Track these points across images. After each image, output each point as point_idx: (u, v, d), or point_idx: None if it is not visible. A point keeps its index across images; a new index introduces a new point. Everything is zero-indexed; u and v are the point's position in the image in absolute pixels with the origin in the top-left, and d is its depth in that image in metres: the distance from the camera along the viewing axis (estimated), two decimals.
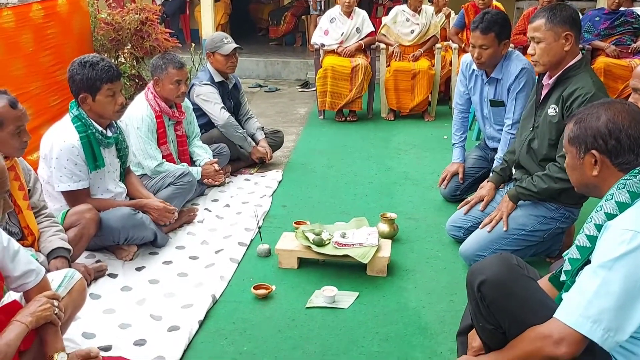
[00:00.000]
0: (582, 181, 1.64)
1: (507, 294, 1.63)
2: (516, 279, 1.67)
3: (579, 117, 1.62)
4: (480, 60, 3.18)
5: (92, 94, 2.65)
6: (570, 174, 1.69)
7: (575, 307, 1.44)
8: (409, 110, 5.55)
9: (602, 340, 1.39)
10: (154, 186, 3.20)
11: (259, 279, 2.64)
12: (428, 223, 3.28)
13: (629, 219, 1.44)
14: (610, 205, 1.53)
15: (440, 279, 2.69)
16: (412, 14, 5.51)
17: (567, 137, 1.64)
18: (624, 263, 1.38)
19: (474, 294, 1.70)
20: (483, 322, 1.70)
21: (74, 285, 2.01)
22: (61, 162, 2.62)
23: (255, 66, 7.77)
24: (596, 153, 1.56)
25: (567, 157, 1.67)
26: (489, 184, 2.99)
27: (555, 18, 2.51)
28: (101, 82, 2.64)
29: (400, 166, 4.26)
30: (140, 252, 2.87)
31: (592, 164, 1.58)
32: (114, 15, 4.43)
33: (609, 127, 1.54)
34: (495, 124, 3.40)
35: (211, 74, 4.00)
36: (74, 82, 2.66)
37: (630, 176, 1.52)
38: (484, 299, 1.66)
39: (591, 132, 1.56)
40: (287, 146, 4.60)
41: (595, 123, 1.56)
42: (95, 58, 2.70)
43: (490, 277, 1.65)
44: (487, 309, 1.66)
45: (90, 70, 2.63)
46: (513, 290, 1.64)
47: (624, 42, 5.48)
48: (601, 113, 1.57)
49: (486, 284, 1.64)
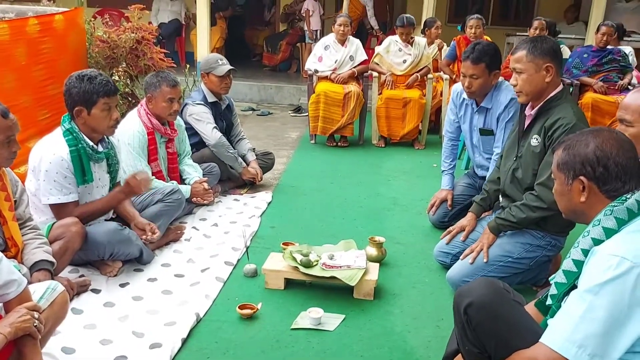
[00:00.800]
0: (570, 207, 1.66)
1: (493, 317, 1.63)
2: (503, 302, 1.68)
3: (567, 144, 1.64)
4: (471, 90, 3.23)
5: (87, 108, 2.64)
6: (558, 200, 1.70)
7: (562, 332, 1.44)
8: (400, 138, 5.61)
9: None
10: (142, 202, 3.18)
11: (244, 298, 2.61)
12: (416, 248, 3.28)
13: (615, 245, 1.45)
14: (597, 230, 1.55)
15: (426, 304, 2.68)
16: (405, 44, 5.61)
17: (556, 163, 1.65)
18: (610, 289, 1.39)
19: (460, 316, 1.70)
20: (469, 345, 1.69)
21: (56, 297, 1.97)
22: (50, 175, 2.60)
23: (249, 90, 7.83)
24: (584, 179, 1.58)
25: (555, 183, 1.69)
26: (470, 214, 3.01)
27: (536, 50, 2.56)
28: (98, 95, 2.64)
29: (389, 192, 4.28)
30: (124, 269, 2.83)
31: (580, 191, 1.59)
32: (110, 33, 4.46)
33: (597, 155, 1.56)
34: (485, 152, 3.43)
35: (205, 94, 4.02)
36: (70, 94, 2.65)
37: (618, 203, 1.54)
38: (470, 322, 1.66)
39: (580, 159, 1.58)
40: (277, 169, 4.60)
41: (584, 150, 1.58)
42: (93, 72, 2.71)
43: (476, 300, 1.65)
44: (473, 332, 1.66)
45: (88, 84, 2.63)
46: (499, 313, 1.64)
47: (611, 79, 5.62)
48: (590, 140, 1.59)
49: (473, 307, 1.65)
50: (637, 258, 1.38)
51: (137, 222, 2.92)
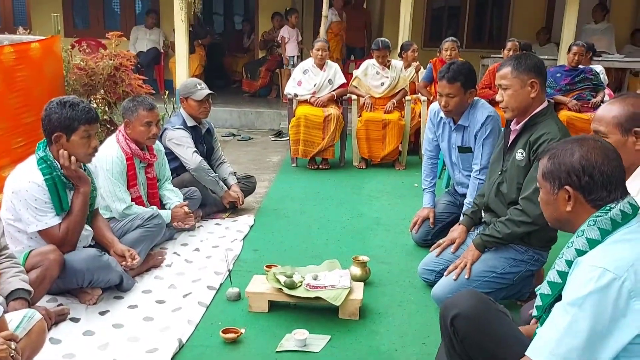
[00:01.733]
0: (556, 216, 1.65)
1: (480, 328, 1.63)
2: (489, 313, 1.67)
3: (552, 153, 1.64)
4: (448, 108, 3.28)
5: (67, 134, 2.59)
6: (544, 209, 1.70)
7: (546, 345, 1.44)
8: (380, 159, 5.65)
9: None
10: (122, 228, 3.13)
11: (228, 322, 2.56)
12: (400, 267, 3.27)
13: (597, 256, 1.46)
14: (580, 241, 1.55)
15: (412, 322, 2.66)
16: (382, 67, 5.70)
17: (541, 172, 1.65)
18: (592, 301, 1.39)
19: (447, 329, 1.68)
20: (457, 358, 1.67)
21: (33, 326, 1.92)
22: (30, 203, 2.55)
23: (229, 116, 7.84)
24: (570, 189, 1.58)
25: (541, 192, 1.69)
26: (460, 226, 3.02)
27: (521, 66, 2.62)
28: (79, 122, 2.60)
29: (372, 212, 4.28)
30: (104, 296, 2.77)
31: (565, 200, 1.59)
32: (88, 60, 4.44)
33: (583, 164, 1.56)
34: (464, 169, 3.47)
35: (184, 118, 4.01)
36: (50, 120, 2.59)
37: (602, 213, 1.54)
38: (457, 334, 1.65)
39: (565, 168, 1.58)
40: (259, 192, 4.59)
41: (569, 159, 1.58)
42: (75, 99, 2.68)
43: (463, 311, 1.64)
44: (460, 344, 1.65)
45: (70, 110, 2.59)
46: (486, 324, 1.63)
47: (584, 97, 5.76)
48: (575, 149, 1.59)
49: (459, 318, 1.64)
50: (619, 269, 1.39)
51: (116, 249, 2.86)
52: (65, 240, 2.61)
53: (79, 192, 2.66)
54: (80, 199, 2.66)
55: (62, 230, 2.60)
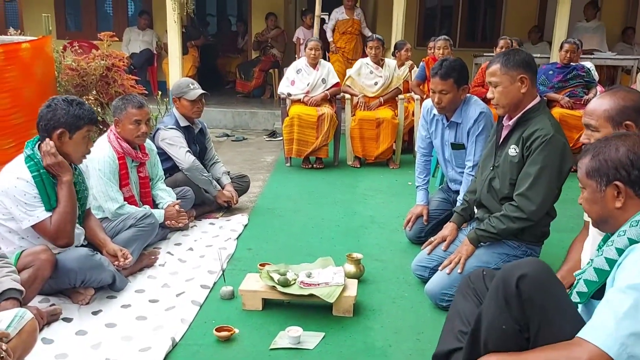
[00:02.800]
0: (604, 214, 1.63)
1: (545, 291, 1.62)
2: (555, 278, 1.68)
3: (595, 151, 1.62)
4: (441, 105, 3.28)
5: (71, 132, 2.58)
6: (589, 209, 1.68)
7: (603, 328, 1.42)
8: (374, 158, 5.65)
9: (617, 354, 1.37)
10: (114, 228, 3.11)
11: (221, 321, 2.55)
12: (394, 264, 3.27)
13: None
14: (634, 231, 1.53)
15: (406, 318, 2.66)
16: (375, 66, 5.71)
17: (585, 171, 1.63)
18: None
19: (507, 290, 1.65)
20: (511, 322, 1.64)
21: (25, 325, 1.90)
22: (19, 199, 2.53)
23: (223, 117, 7.83)
24: (620, 184, 1.57)
25: (585, 192, 1.66)
26: (450, 224, 3.02)
27: (510, 62, 2.63)
28: (84, 122, 2.60)
29: (366, 210, 4.28)
30: (97, 296, 2.75)
31: (614, 196, 1.58)
32: (80, 61, 4.43)
33: (631, 158, 1.55)
34: (457, 166, 3.47)
35: (177, 118, 4.00)
36: (55, 116, 2.56)
37: None
38: (520, 295, 1.62)
39: (612, 164, 1.57)
40: (253, 191, 4.58)
41: (616, 154, 1.57)
42: (79, 98, 2.69)
43: (531, 273, 1.63)
44: (520, 305, 1.62)
45: (78, 109, 2.59)
46: (552, 288, 1.63)
47: (576, 94, 5.78)
48: (619, 145, 1.58)
49: (527, 279, 1.62)
50: None
51: (108, 249, 2.85)
52: (58, 233, 2.58)
53: (61, 182, 2.61)
54: (65, 188, 2.61)
55: (54, 223, 2.57)
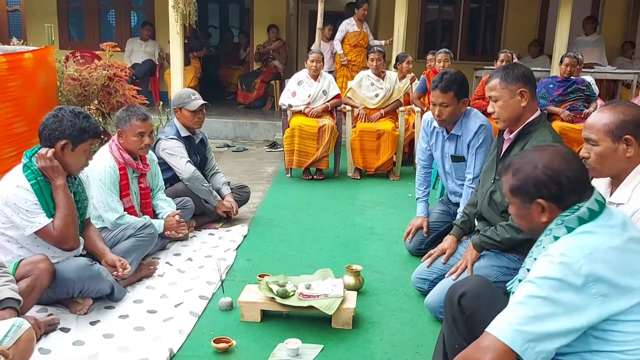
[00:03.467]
0: (533, 228, 1.67)
1: (486, 305, 1.68)
2: (494, 291, 1.75)
3: (515, 168, 1.65)
4: (441, 118, 3.29)
5: (74, 144, 2.59)
6: (518, 222, 1.72)
7: (504, 319, 1.48)
8: (375, 170, 5.65)
9: (522, 350, 1.43)
10: (113, 238, 3.11)
11: (220, 332, 2.54)
12: (394, 276, 3.26)
13: (559, 245, 1.51)
14: (548, 240, 1.58)
15: (406, 331, 2.65)
16: (377, 78, 5.73)
17: (509, 189, 1.66)
18: (550, 284, 1.44)
19: (452, 309, 1.73)
20: (460, 340, 1.70)
21: (22, 335, 1.89)
22: (19, 207, 2.53)
23: (224, 127, 7.85)
24: (542, 201, 1.59)
25: (511, 207, 1.70)
26: (450, 237, 3.01)
27: (509, 77, 2.64)
28: (89, 135, 2.61)
29: (366, 222, 4.28)
30: (95, 306, 2.74)
31: (539, 212, 1.61)
32: (82, 71, 4.45)
33: (549, 174, 1.58)
34: (457, 178, 3.47)
35: (178, 128, 4.01)
36: (60, 126, 2.56)
37: (569, 212, 1.56)
38: (463, 312, 1.70)
39: (532, 182, 1.60)
40: (253, 202, 4.58)
41: (533, 172, 1.60)
42: (86, 112, 2.71)
43: (469, 290, 1.72)
44: (465, 323, 1.69)
45: (85, 122, 2.60)
46: (492, 301, 1.69)
47: (577, 107, 5.79)
48: (536, 161, 1.61)
49: (467, 296, 1.70)
50: (577, 256, 1.45)
51: (107, 259, 2.84)
52: (63, 237, 2.58)
53: (56, 187, 2.60)
54: (60, 192, 2.60)
55: (57, 228, 2.57)
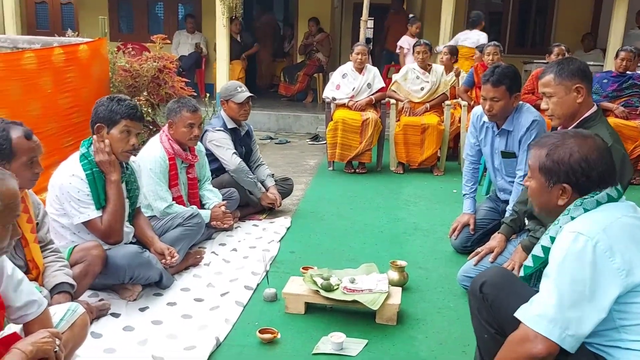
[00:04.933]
0: (547, 206, 1.73)
1: (507, 291, 1.79)
2: (514, 280, 1.88)
3: (551, 147, 1.68)
4: (492, 113, 3.20)
5: (108, 126, 2.66)
6: (535, 196, 1.76)
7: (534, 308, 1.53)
8: (418, 164, 5.58)
9: (561, 339, 1.47)
10: (162, 227, 3.17)
11: (264, 323, 2.56)
12: (439, 273, 3.21)
13: (574, 223, 1.56)
14: (565, 219, 1.63)
15: (452, 329, 2.60)
16: (422, 72, 5.65)
17: (538, 165, 1.70)
18: (569, 264, 1.49)
19: (475, 299, 1.86)
20: (487, 327, 1.82)
21: (76, 319, 1.94)
22: (72, 195, 2.62)
23: (267, 119, 7.91)
24: (567, 187, 1.64)
25: (532, 181, 1.74)
26: (499, 235, 2.94)
27: (564, 72, 2.52)
28: (121, 116, 2.67)
29: (409, 217, 4.23)
30: (144, 293, 2.81)
31: (559, 195, 1.66)
32: (133, 62, 4.54)
33: (583, 166, 1.61)
34: (507, 175, 3.38)
35: (224, 120, 4.06)
36: (96, 112, 2.69)
37: (589, 196, 1.62)
38: (486, 299, 1.81)
39: (564, 168, 1.64)
40: (296, 195, 4.59)
41: (569, 159, 1.63)
42: (124, 96, 2.78)
43: (489, 279, 1.85)
44: (489, 309, 1.80)
45: (115, 104, 2.68)
46: (511, 286, 1.81)
47: (632, 104, 5.56)
48: (574, 149, 1.64)
49: (487, 284, 1.83)
50: (591, 232, 1.49)
51: (156, 247, 2.90)
52: (109, 232, 2.66)
53: (110, 182, 2.68)
54: (113, 187, 2.68)
55: (104, 222, 2.65)
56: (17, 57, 3.53)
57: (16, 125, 2.22)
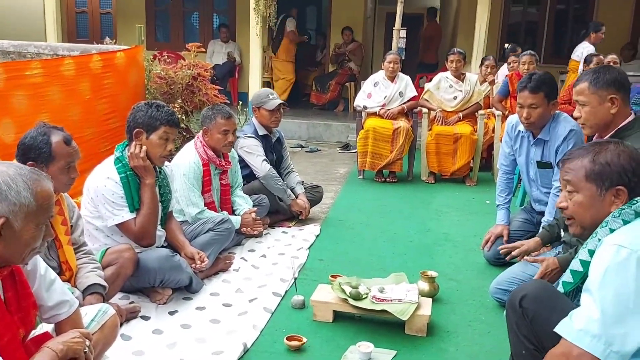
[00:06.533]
0: (596, 218, 1.65)
1: (548, 305, 1.71)
2: (555, 294, 1.78)
3: (594, 155, 1.64)
4: (529, 120, 3.13)
5: (147, 132, 2.71)
6: (581, 212, 1.68)
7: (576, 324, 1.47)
8: (450, 174, 5.50)
9: (604, 356, 1.41)
10: (193, 231, 3.20)
11: (292, 330, 2.54)
12: (471, 285, 3.14)
13: (615, 236, 1.52)
14: (604, 232, 1.59)
15: (484, 343, 2.54)
16: (456, 80, 5.58)
17: (584, 174, 1.64)
18: (612, 277, 1.43)
19: (514, 313, 1.77)
20: (525, 342, 1.74)
21: (107, 321, 1.96)
22: (107, 198, 2.66)
23: (298, 128, 7.93)
24: (622, 188, 1.59)
25: (577, 195, 1.67)
26: (536, 238, 2.88)
27: (599, 82, 2.44)
28: (161, 122, 2.71)
29: (440, 227, 4.16)
30: (174, 297, 2.83)
31: (612, 201, 1.61)
32: (168, 70, 4.63)
33: (632, 165, 1.59)
34: (542, 186, 3.30)
35: (256, 127, 4.08)
36: (135, 118, 2.73)
37: (627, 206, 1.58)
38: (526, 314, 1.74)
39: (616, 168, 1.59)
40: (325, 202, 4.58)
41: (618, 160, 1.60)
42: (161, 103, 2.83)
43: (530, 292, 1.76)
44: (529, 325, 1.73)
45: (155, 110, 2.72)
46: (554, 302, 1.72)
47: None
48: (619, 151, 1.61)
49: (527, 298, 1.74)
50: (634, 244, 1.44)
51: (186, 251, 2.93)
52: (142, 234, 2.70)
53: (144, 185, 2.72)
54: (147, 191, 2.72)
55: (138, 225, 2.69)
56: (57, 63, 3.63)
57: (57, 130, 2.28)
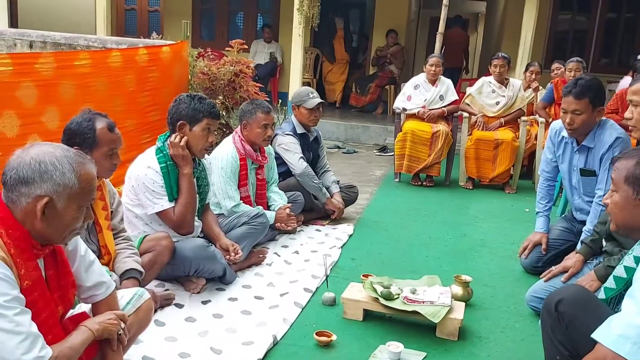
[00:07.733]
0: (630, 222, 1.63)
1: (585, 310, 1.68)
2: (593, 299, 1.75)
3: None
4: (573, 127, 3.05)
5: (191, 124, 2.77)
6: (616, 212, 1.66)
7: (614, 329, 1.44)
8: (489, 180, 5.40)
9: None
10: (228, 224, 3.24)
11: (322, 326, 2.54)
12: (505, 292, 3.08)
13: None
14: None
15: (517, 350, 2.48)
16: (499, 85, 5.48)
17: (625, 175, 1.63)
18: None
19: (550, 317, 1.74)
20: (560, 348, 1.71)
21: (142, 304, 2.01)
22: (147, 186, 2.73)
23: (336, 129, 7.94)
24: None
25: (616, 195, 1.65)
26: (576, 255, 2.78)
27: None
28: (203, 115, 2.77)
29: (476, 233, 4.09)
30: (207, 287, 2.88)
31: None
32: (211, 66, 4.70)
33: None
34: (585, 194, 3.20)
35: (294, 125, 4.11)
36: (178, 109, 2.79)
37: None
38: (562, 319, 1.71)
39: None
40: (360, 203, 4.56)
41: None
42: (203, 95, 2.89)
43: (567, 296, 1.73)
44: (565, 330, 1.70)
45: (198, 103, 2.78)
46: (590, 307, 1.69)
47: None
48: None
49: (564, 302, 1.71)
50: None
51: (221, 243, 2.97)
52: (181, 222, 2.76)
53: (182, 174, 2.77)
54: (185, 180, 2.77)
55: (177, 213, 2.75)
56: (105, 54, 3.74)
57: (101, 117, 2.36)
